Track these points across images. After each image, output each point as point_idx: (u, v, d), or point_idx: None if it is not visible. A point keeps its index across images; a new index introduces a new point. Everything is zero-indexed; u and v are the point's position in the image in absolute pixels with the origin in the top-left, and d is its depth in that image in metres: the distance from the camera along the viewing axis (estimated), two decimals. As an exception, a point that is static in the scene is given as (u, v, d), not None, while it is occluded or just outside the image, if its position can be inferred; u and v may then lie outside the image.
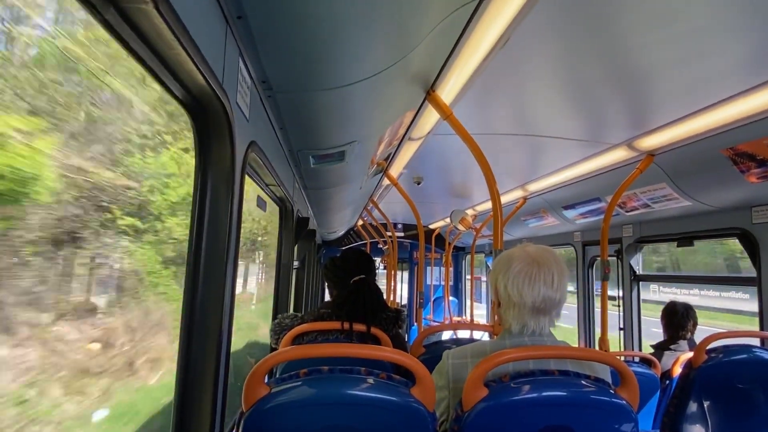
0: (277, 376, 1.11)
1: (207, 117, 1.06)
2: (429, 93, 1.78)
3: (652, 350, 2.46)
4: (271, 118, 1.61)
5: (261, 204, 2.24)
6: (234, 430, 1.68)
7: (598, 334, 2.82)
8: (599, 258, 3.03)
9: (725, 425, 1.77)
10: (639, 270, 3.61)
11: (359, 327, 1.64)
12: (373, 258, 1.94)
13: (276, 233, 2.72)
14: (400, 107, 1.86)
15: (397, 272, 7.29)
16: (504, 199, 3.99)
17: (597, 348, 3.03)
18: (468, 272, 8.21)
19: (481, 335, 3.88)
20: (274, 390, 1.01)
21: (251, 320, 3.97)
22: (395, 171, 3.32)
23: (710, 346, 1.78)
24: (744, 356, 1.77)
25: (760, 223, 2.50)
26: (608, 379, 1.15)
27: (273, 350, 1.63)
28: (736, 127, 1.91)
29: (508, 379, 1.06)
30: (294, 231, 2.63)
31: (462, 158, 3.04)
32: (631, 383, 1.08)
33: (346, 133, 1.86)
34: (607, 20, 1.35)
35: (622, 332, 3.69)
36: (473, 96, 1.88)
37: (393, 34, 1.17)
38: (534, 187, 3.64)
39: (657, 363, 2.18)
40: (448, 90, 1.75)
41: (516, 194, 3.93)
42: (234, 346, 1.26)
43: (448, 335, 4.92)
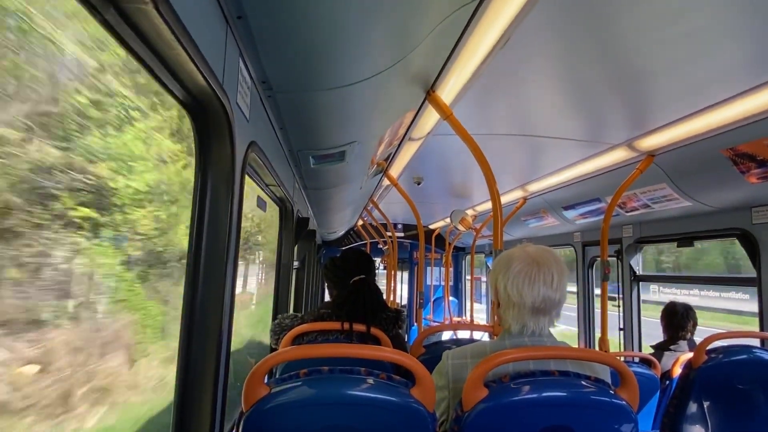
0: (277, 377, 1.11)
1: (207, 117, 1.06)
2: (429, 93, 1.78)
3: (652, 351, 2.46)
4: (271, 119, 1.61)
5: (261, 204, 2.24)
6: (234, 430, 1.68)
7: (598, 335, 2.82)
8: (599, 258, 3.03)
9: (725, 426, 1.77)
10: (639, 270, 3.61)
11: (359, 327, 1.64)
12: (373, 258, 1.94)
13: (275, 233, 2.72)
14: (400, 107, 1.86)
15: (397, 272, 7.28)
16: (504, 200, 3.99)
17: (597, 348, 3.03)
18: (468, 272, 8.21)
19: (481, 335, 3.88)
20: (274, 390, 1.02)
21: (246, 332, 3.54)
22: (395, 171, 3.31)
23: (710, 347, 1.78)
24: (744, 357, 1.77)
25: (760, 224, 2.50)
26: (608, 380, 1.15)
27: (273, 350, 1.63)
28: (736, 128, 1.91)
29: (508, 380, 1.06)
30: (294, 231, 2.63)
31: (462, 158, 3.04)
32: (631, 384, 1.08)
33: (346, 134, 1.86)
34: (608, 21, 1.35)
35: (622, 333, 3.70)
36: (473, 96, 1.88)
37: (393, 35, 1.17)
38: (534, 188, 3.64)
39: (657, 363, 2.18)
40: (448, 90, 1.75)
41: (516, 194, 3.93)
42: (234, 346, 1.25)
43: (448, 335, 4.92)
